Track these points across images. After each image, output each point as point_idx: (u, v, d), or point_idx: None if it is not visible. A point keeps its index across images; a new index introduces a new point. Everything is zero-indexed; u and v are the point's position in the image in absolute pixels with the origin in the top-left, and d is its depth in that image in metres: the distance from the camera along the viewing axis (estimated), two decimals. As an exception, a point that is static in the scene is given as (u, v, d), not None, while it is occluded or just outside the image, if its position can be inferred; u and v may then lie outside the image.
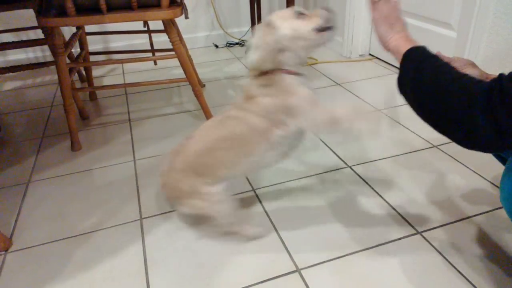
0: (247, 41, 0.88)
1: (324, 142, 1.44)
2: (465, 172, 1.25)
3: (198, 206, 0.96)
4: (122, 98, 1.97)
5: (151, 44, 2.23)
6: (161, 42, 2.22)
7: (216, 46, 2.73)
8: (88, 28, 1.96)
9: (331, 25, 0.85)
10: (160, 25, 1.54)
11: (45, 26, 1.59)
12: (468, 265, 0.92)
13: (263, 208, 1.15)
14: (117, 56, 2.33)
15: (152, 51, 2.00)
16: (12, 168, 1.42)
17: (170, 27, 1.48)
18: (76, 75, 2.17)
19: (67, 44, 1.56)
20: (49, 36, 1.57)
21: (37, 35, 2.32)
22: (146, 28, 2.12)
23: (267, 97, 0.86)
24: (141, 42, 2.44)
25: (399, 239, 1.01)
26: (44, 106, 1.93)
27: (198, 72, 2.04)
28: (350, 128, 0.87)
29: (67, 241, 1.07)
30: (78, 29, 1.78)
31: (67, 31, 2.23)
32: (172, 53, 1.54)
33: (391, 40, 0.77)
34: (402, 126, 1.55)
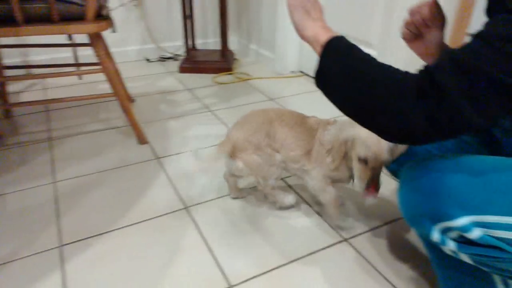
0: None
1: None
2: (387, 179, 1.34)
3: (254, 162, 1.06)
4: (42, 115, 1.83)
5: (76, 58, 2.11)
6: (87, 55, 2.11)
7: (148, 60, 2.67)
8: (4, 40, 1.81)
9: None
10: (85, 38, 1.46)
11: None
12: (391, 268, 0.97)
13: (195, 225, 1.12)
14: (37, 71, 2.17)
15: (77, 65, 1.89)
16: None
17: (96, 41, 1.42)
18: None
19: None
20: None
21: None
22: (70, 41, 2.01)
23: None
24: (65, 56, 2.30)
25: (327, 247, 1.04)
26: (-51, 125, 1.73)
27: (128, 86, 1.97)
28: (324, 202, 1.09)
29: (-28, 276, 0.95)
30: (-10, 40, 1.63)
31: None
32: (99, 67, 1.47)
33: (308, 28, 0.72)
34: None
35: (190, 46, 2.56)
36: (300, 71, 2.46)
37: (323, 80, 0.69)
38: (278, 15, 2.29)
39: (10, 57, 2.23)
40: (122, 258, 1.01)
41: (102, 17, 1.40)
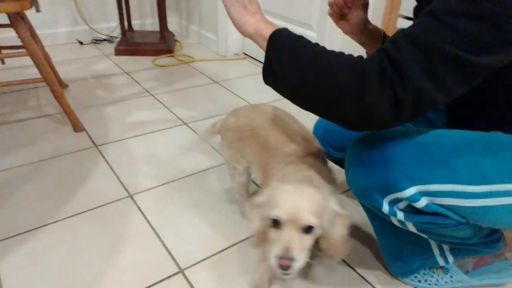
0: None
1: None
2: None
3: (224, 153, 1.05)
4: (-39, 104, 1.65)
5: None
6: (9, 38, 1.92)
7: (81, 43, 2.49)
8: None
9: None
10: (5, 18, 1.33)
11: None
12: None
13: (141, 212, 1.09)
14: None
15: (-2, 47, 1.72)
16: None
17: (17, 22, 1.29)
18: None
19: None
20: None
21: None
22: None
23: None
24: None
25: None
26: None
27: (60, 71, 1.83)
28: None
29: None
30: None
31: None
32: (23, 50, 1.35)
33: (248, 23, 0.69)
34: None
35: (126, 27, 2.43)
36: (244, 53, 2.45)
37: (273, 74, 0.66)
38: (218, -5, 2.25)
39: None
40: (63, 251, 0.95)
41: (24, -6, 1.27)
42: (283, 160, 0.85)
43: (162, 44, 2.36)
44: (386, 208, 0.71)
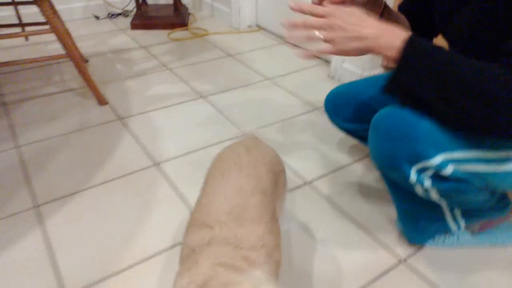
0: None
1: (219, 112, 1.50)
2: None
3: None
4: (-10, 80, 1.74)
5: (19, 18, 1.98)
6: (31, 14, 1.98)
7: (97, 18, 2.54)
8: None
9: None
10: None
11: None
12: (351, 206, 1.10)
13: (167, 179, 1.18)
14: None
15: (22, 25, 1.78)
16: None
17: (41, -1, 1.35)
18: None
19: None
20: None
21: None
22: (10, -2, 1.87)
23: None
24: (5, 14, 2.14)
25: (291, 190, 1.15)
26: None
27: (79, 46, 1.90)
28: None
29: None
30: None
31: None
32: (46, 27, 1.41)
33: (368, 33, 0.66)
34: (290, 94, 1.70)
35: (140, 1, 2.46)
36: (257, 25, 2.47)
37: (405, 88, 0.67)
38: (231, -33, 2.25)
39: None
40: (99, 213, 1.05)
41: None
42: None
43: (176, 17, 2.39)
44: (413, 177, 0.72)
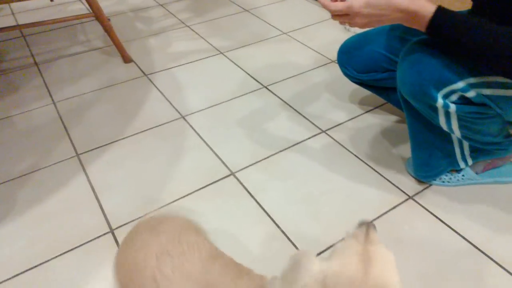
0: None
1: (239, 67, 1.56)
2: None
3: None
4: (19, 41, 1.82)
5: (41, -22, 2.02)
6: (51, -26, 2.02)
7: (113, -23, 2.55)
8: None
9: None
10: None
11: None
12: (362, 151, 1.18)
13: (193, 130, 1.27)
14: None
15: (45, -15, 1.83)
16: None
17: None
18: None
19: None
20: None
21: None
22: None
23: None
24: (25, -25, 2.18)
25: (308, 139, 1.23)
26: None
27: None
28: None
29: (5, 185, 1.09)
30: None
31: None
32: (73, -14, 1.46)
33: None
34: (308, 47, 1.73)
35: (156, -42, 2.45)
36: (272, -20, 2.45)
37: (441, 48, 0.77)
38: None
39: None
40: (135, 160, 1.16)
41: None
42: None
43: (192, -26, 2.38)
44: (440, 101, 0.80)
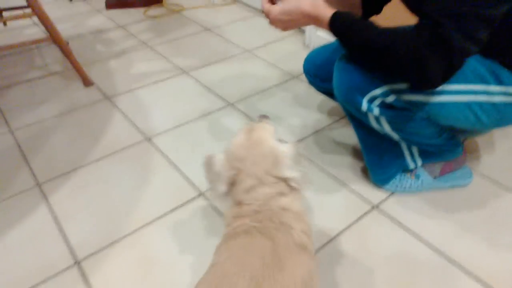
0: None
1: (203, 85, 1.56)
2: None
3: None
4: (-29, 68, 1.75)
5: (-6, 2, 1.96)
6: (4, -2, 1.97)
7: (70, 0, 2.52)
8: None
9: None
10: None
11: None
12: (326, 161, 1.21)
13: (159, 151, 1.26)
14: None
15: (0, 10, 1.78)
16: None
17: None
18: None
19: None
20: None
21: None
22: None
23: None
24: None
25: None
26: None
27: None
28: None
29: (-40, 221, 1.03)
30: None
31: None
32: (28, 11, 1.43)
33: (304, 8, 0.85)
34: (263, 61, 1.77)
35: (114, -21, 2.44)
36: (231, -2, 2.49)
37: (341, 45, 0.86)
38: None
39: None
40: (99, 186, 1.13)
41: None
42: None
43: (151, -6, 2.39)
44: (365, 105, 0.90)
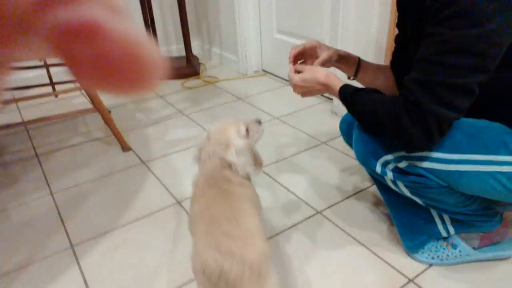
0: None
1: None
2: (342, 157, 1.55)
3: None
4: (22, 135, 1.90)
5: (50, 78, 2.18)
6: (57, 72, 2.18)
7: (116, 73, 2.75)
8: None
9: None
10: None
11: None
12: (357, 231, 1.17)
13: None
14: (14, 94, 2.21)
15: (52, 84, 1.97)
16: None
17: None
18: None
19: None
20: None
21: None
22: (42, 62, 2.07)
23: None
24: (36, 74, 2.35)
25: (303, 220, 1.23)
26: None
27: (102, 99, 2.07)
28: None
29: (-5, 282, 1.06)
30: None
31: None
32: (76, 84, 1.58)
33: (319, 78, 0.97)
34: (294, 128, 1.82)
35: (156, 55, 2.67)
36: (263, 70, 2.65)
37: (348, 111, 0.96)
38: (237, 18, 2.46)
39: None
40: (129, 249, 1.15)
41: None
42: None
43: (189, 68, 2.59)
44: (378, 169, 0.92)
